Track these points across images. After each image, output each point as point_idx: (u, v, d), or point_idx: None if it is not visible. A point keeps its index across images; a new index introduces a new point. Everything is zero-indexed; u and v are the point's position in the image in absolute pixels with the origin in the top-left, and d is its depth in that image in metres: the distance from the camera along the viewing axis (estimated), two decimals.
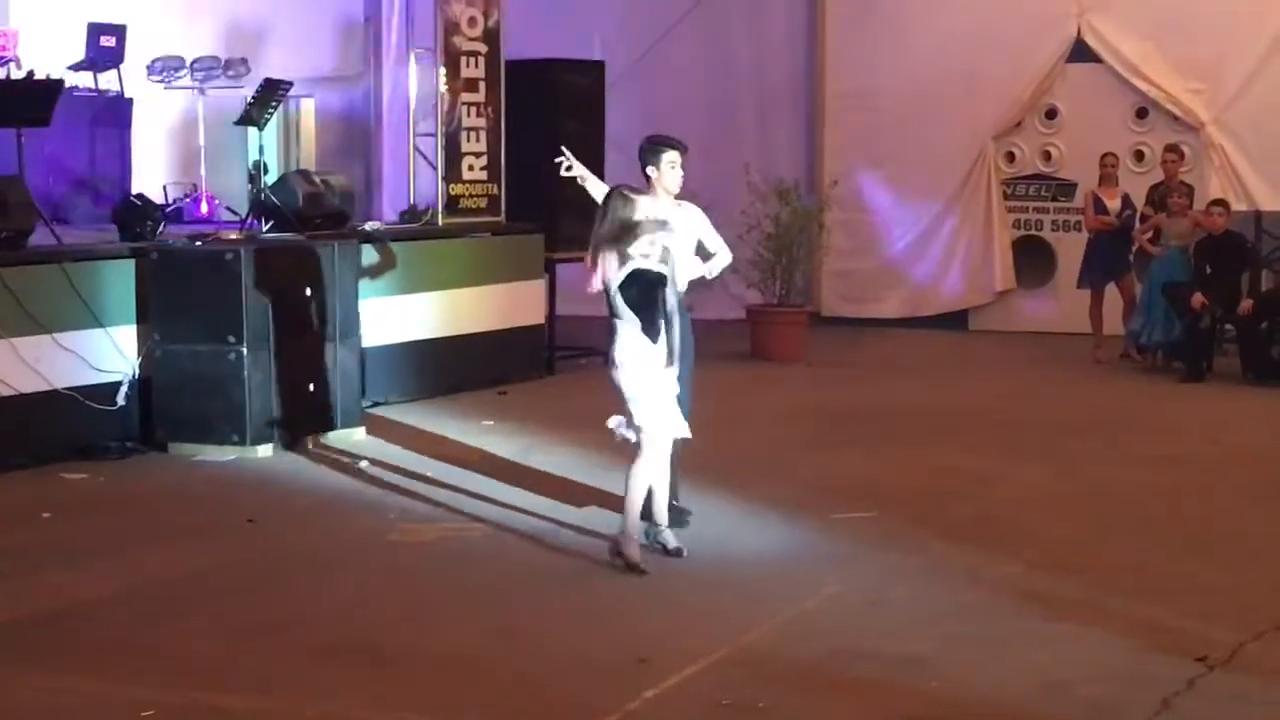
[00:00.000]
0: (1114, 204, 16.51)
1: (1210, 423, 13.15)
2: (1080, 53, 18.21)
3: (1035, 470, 11.12)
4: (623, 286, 8.48)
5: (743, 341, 16.43)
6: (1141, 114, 18.09)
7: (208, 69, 15.76)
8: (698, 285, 17.25)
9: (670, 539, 8.70)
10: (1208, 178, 17.39)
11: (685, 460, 9.34)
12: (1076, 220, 17.80)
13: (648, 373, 8.49)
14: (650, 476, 8.57)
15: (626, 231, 8.49)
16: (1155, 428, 12.90)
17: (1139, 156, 17.94)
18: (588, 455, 11.38)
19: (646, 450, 8.51)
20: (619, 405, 8.58)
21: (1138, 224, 16.37)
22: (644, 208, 8.61)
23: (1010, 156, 18.73)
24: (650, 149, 9.38)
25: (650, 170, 9.29)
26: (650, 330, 8.48)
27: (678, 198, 9.22)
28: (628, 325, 8.50)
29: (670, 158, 9.16)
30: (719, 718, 6.43)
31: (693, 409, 8.86)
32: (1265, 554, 8.95)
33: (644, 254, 8.50)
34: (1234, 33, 17.51)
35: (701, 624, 7.63)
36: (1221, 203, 15.73)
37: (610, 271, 8.52)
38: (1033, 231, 18.78)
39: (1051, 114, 18.53)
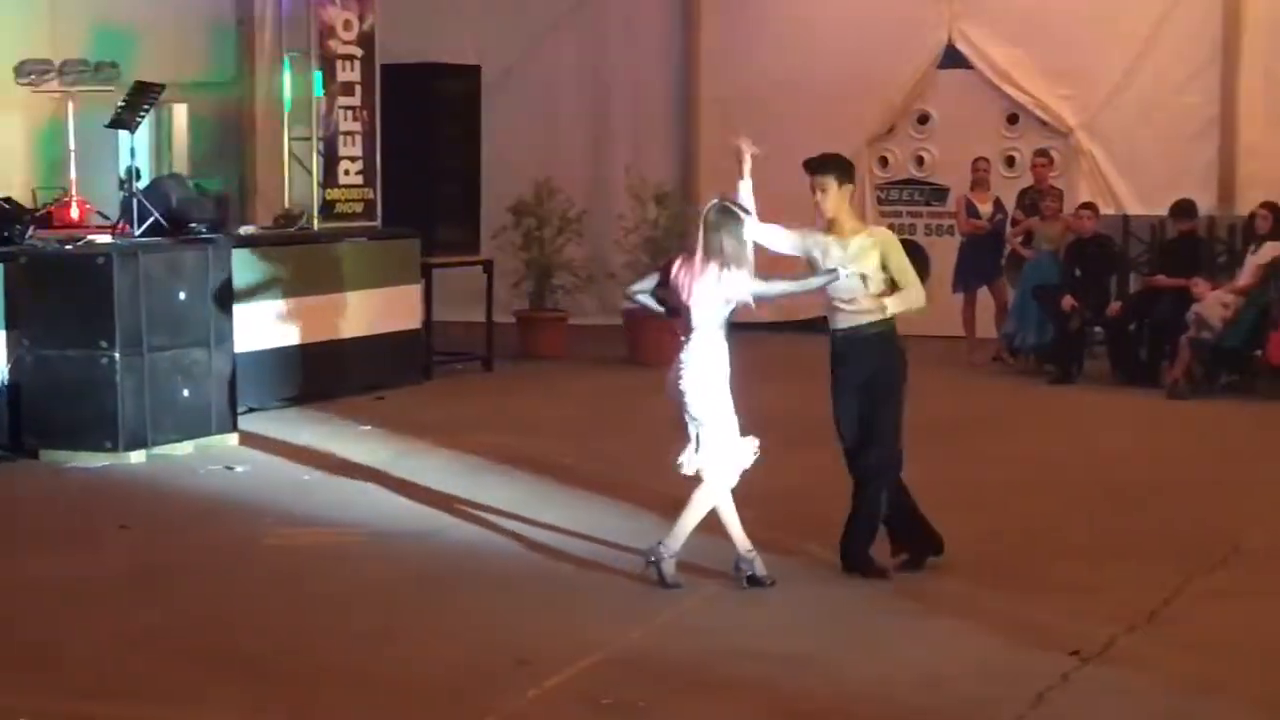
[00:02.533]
0: (986, 208, 16.71)
1: (1079, 424, 13.34)
2: (952, 59, 18.40)
3: (910, 471, 11.14)
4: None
5: (620, 346, 16.47)
6: (1012, 120, 18.31)
7: (77, 72, 15.51)
8: (578, 289, 17.31)
9: (760, 566, 8.31)
10: (1076, 183, 17.62)
11: (564, 464, 9.35)
12: (949, 224, 17.99)
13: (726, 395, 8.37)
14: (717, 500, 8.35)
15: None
16: (1026, 429, 13.07)
17: (1010, 162, 18.15)
18: (465, 460, 11.38)
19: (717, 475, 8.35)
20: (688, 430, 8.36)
21: (1009, 228, 16.58)
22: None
23: (884, 161, 18.89)
24: None
25: None
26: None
27: None
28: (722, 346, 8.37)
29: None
30: (600, 718, 6.44)
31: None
32: (1134, 551, 9.09)
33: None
34: (1101, 40, 17.76)
35: (581, 626, 7.64)
36: (1090, 206, 15.96)
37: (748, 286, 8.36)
38: (906, 235, 18.92)
39: (924, 119, 18.72)
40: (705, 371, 8.29)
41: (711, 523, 8.47)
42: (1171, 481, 11.01)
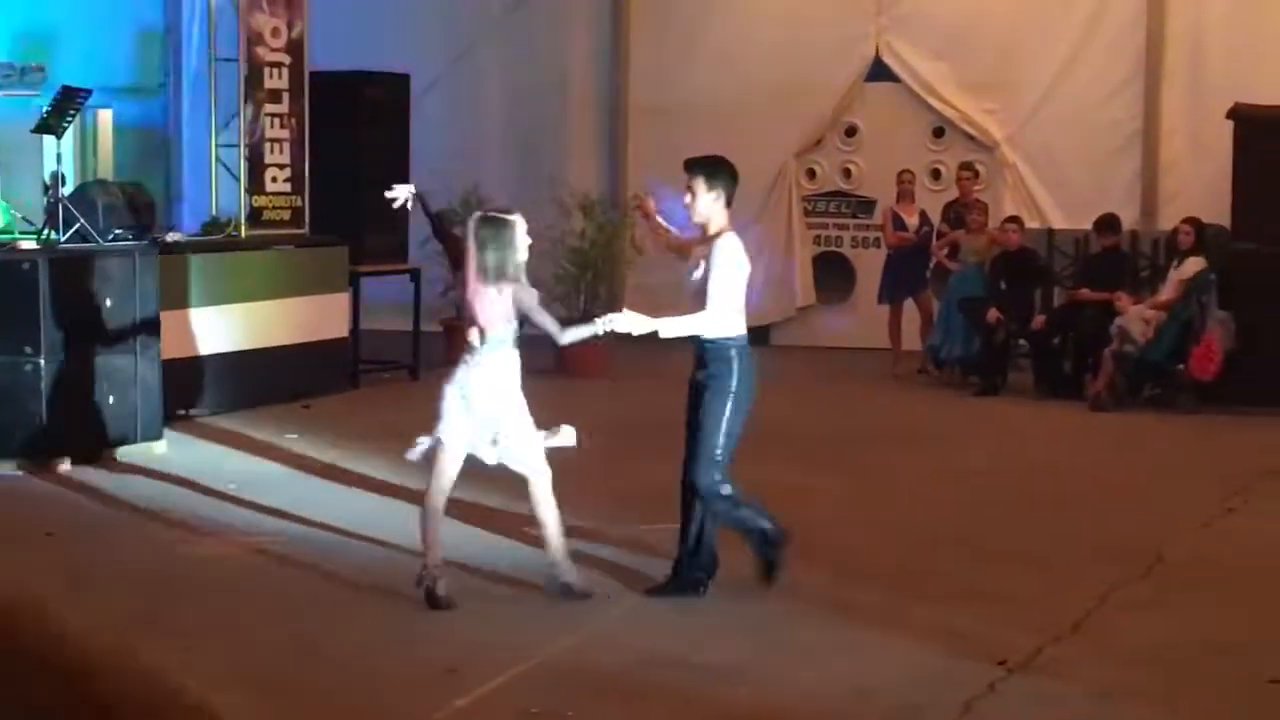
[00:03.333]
0: (912, 220, 16.81)
1: (1004, 436, 13.45)
2: (879, 72, 18.52)
3: (836, 482, 11.28)
4: None
5: (548, 357, 16.44)
6: (939, 133, 18.45)
7: (2, 75, 15.41)
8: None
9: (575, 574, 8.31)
10: (1002, 196, 17.77)
11: (491, 475, 9.33)
12: (876, 236, 18.09)
13: None
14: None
15: None
16: (951, 441, 13.15)
17: (935, 174, 18.27)
18: (391, 468, 11.33)
19: None
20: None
21: (935, 240, 16.69)
22: None
23: (811, 173, 18.98)
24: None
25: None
26: None
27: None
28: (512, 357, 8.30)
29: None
30: None
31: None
32: (1057, 562, 9.18)
33: None
34: (1026, 55, 17.93)
35: (510, 635, 7.65)
36: (1016, 219, 16.10)
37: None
38: (833, 248, 19.04)
39: (851, 132, 18.82)
40: (501, 382, 8.18)
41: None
42: (1095, 493, 11.12)
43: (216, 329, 13.67)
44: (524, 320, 8.21)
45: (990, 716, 6.58)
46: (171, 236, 14.48)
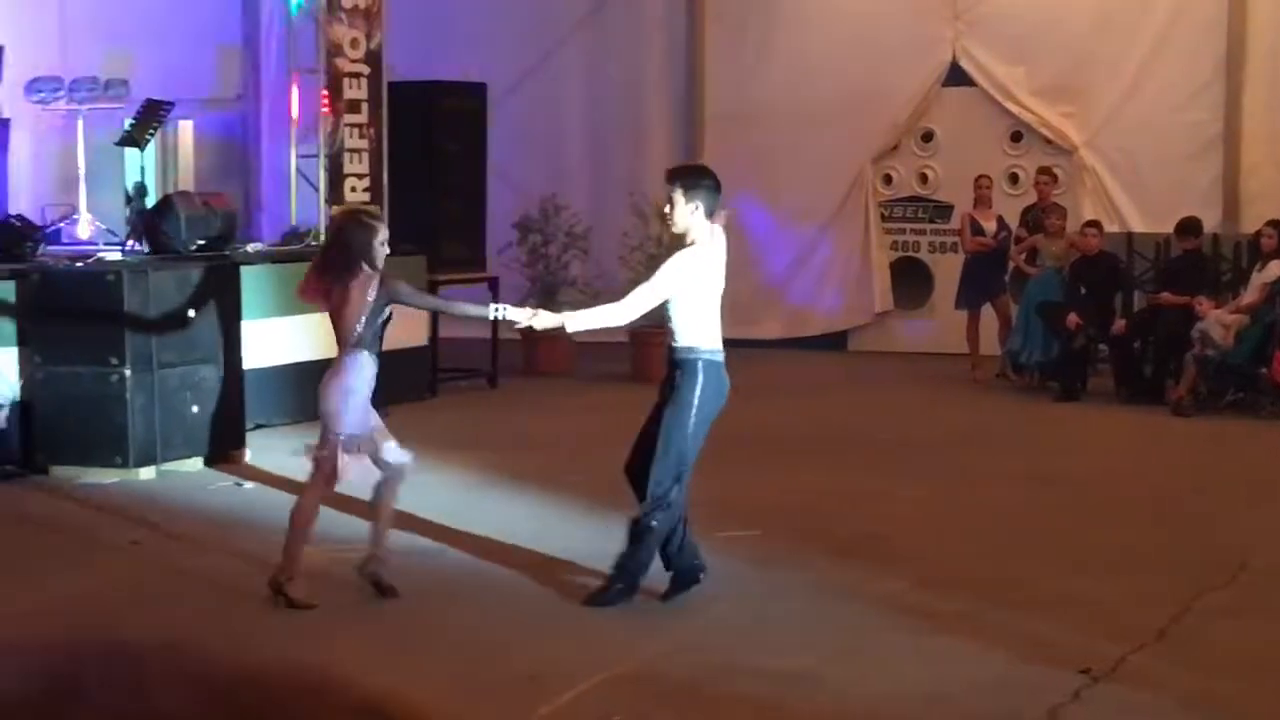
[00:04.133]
0: (989, 225, 16.76)
1: (1085, 441, 13.38)
2: (956, 77, 18.47)
3: (915, 488, 11.25)
4: None
5: (624, 364, 16.50)
6: (1016, 137, 18.37)
7: (86, 89, 15.60)
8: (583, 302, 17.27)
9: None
10: (1080, 200, 17.68)
11: (578, 481, 9.38)
12: (953, 242, 18.04)
13: None
14: None
15: None
16: (1032, 446, 13.09)
17: (1013, 179, 18.20)
18: (471, 476, 11.41)
19: None
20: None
21: (1013, 245, 16.62)
22: None
23: (887, 179, 18.94)
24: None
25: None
26: None
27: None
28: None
29: None
30: None
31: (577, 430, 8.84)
32: (1140, 568, 9.12)
33: None
34: (1104, 57, 17.83)
35: (590, 642, 7.67)
36: (1095, 224, 16.01)
37: None
38: (910, 253, 19.00)
39: (928, 137, 18.77)
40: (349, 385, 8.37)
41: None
42: (1177, 499, 11.04)
43: (297, 338, 13.76)
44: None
45: None
46: (252, 247, 14.62)
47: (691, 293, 8.10)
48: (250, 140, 19.18)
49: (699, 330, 8.11)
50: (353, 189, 15.28)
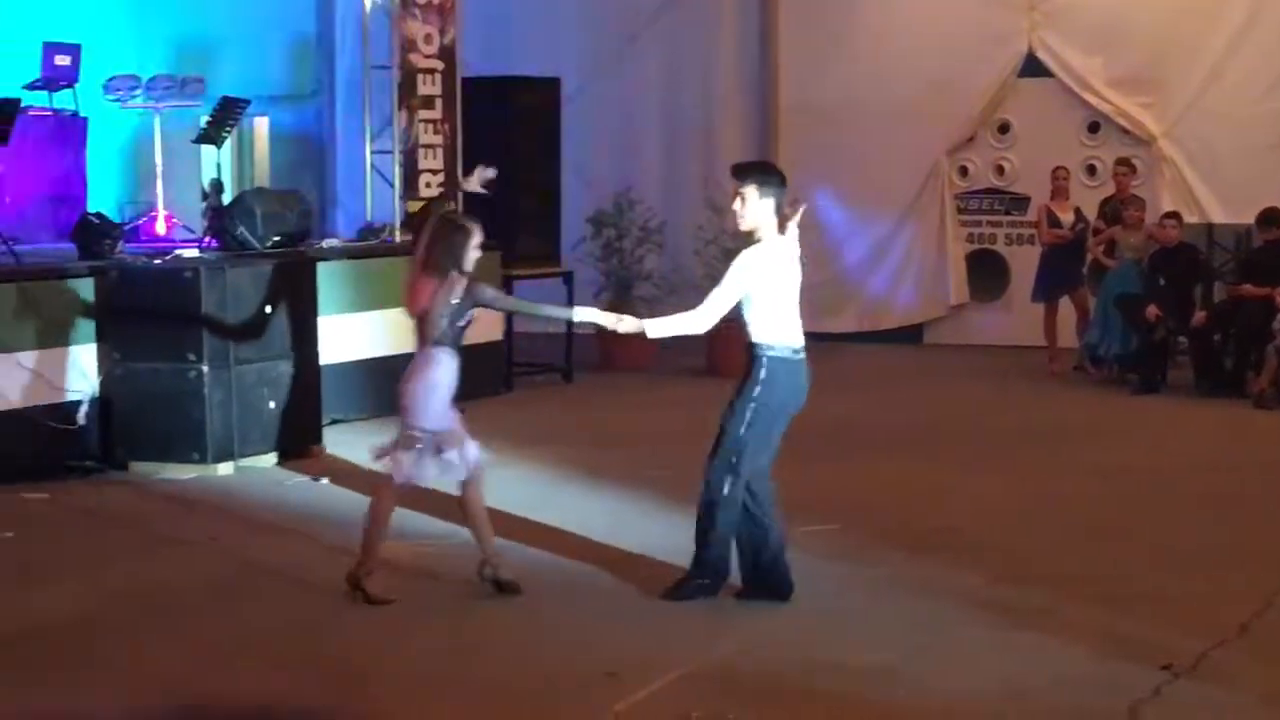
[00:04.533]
0: (1067, 217, 16.64)
1: (1166, 434, 13.26)
2: (1032, 67, 18.33)
3: (994, 482, 11.20)
4: None
5: (699, 358, 16.47)
6: (1093, 128, 18.22)
7: (163, 87, 15.73)
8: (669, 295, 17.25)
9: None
10: (1159, 191, 17.51)
11: (656, 476, 9.37)
12: (1029, 234, 17.92)
13: None
14: None
15: None
16: (1111, 439, 12.99)
17: (1091, 170, 18.06)
18: (546, 472, 11.42)
19: None
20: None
21: (1091, 237, 16.50)
22: None
23: (963, 171, 18.83)
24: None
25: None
26: None
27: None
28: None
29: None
30: None
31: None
32: (1221, 563, 9.03)
33: None
34: (1182, 47, 17.65)
35: (668, 638, 7.66)
36: (1174, 215, 15.86)
37: None
38: (986, 245, 18.88)
39: (1004, 128, 18.64)
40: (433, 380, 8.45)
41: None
42: (1258, 493, 10.93)
43: (373, 334, 13.82)
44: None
45: None
46: (328, 242, 14.69)
47: (762, 290, 8.06)
48: (325, 136, 19.28)
49: (770, 327, 8.06)
50: (427, 185, 15.33)
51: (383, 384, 13.82)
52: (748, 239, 8.23)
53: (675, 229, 17.99)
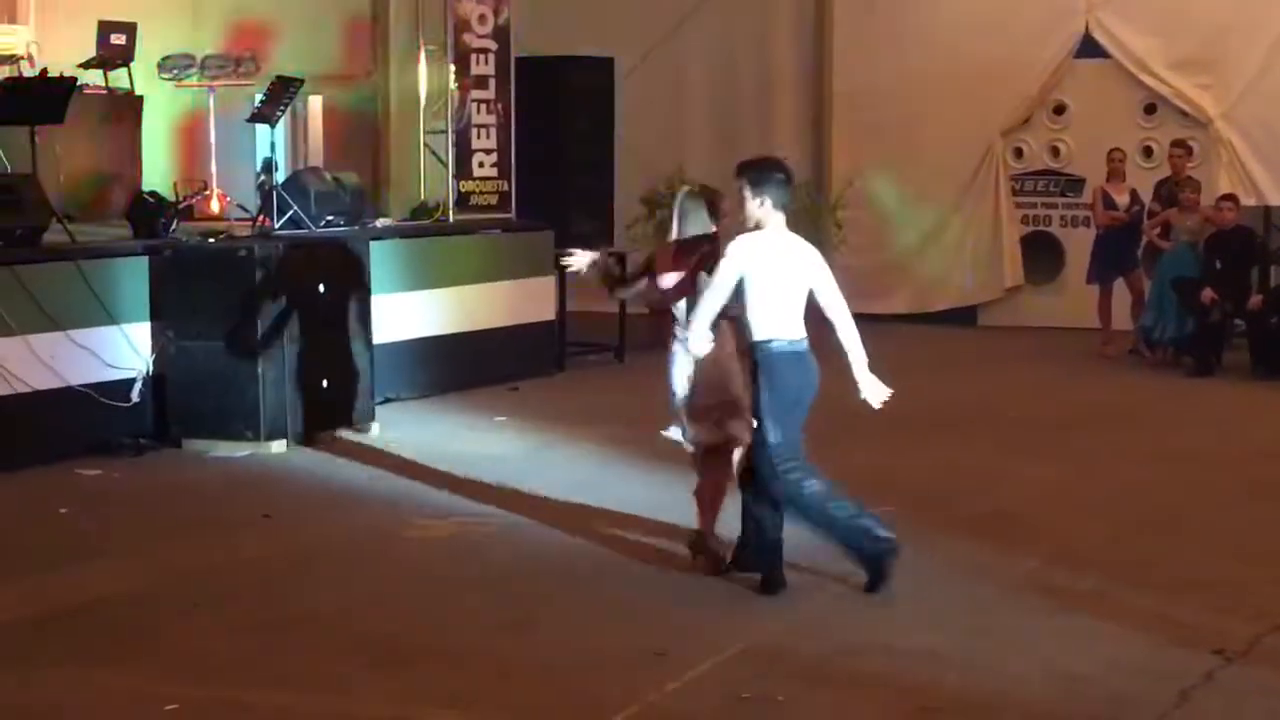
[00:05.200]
0: (1122, 199, 16.55)
1: (1221, 418, 13.18)
2: (1088, 49, 18.21)
3: (1046, 466, 11.15)
4: None
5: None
6: (1150, 109, 18.10)
7: (217, 66, 15.78)
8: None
9: None
10: (1216, 173, 17.38)
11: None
12: (1085, 216, 17.83)
13: None
14: None
15: None
16: (1166, 423, 12.92)
17: (1147, 152, 17.94)
18: (600, 450, 11.43)
19: None
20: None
21: (1146, 219, 16.40)
22: None
23: (1018, 152, 18.74)
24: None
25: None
26: None
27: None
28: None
29: None
30: (739, 711, 6.47)
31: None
32: (1274, 548, 8.97)
33: None
34: (1241, 28, 17.51)
35: (718, 619, 7.66)
36: (1231, 197, 15.76)
37: None
38: (1041, 227, 18.79)
39: (1060, 110, 18.55)
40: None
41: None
42: None
43: (425, 313, 13.87)
44: None
45: (1207, 707, 6.45)
46: (381, 222, 14.73)
47: (752, 280, 7.98)
48: (379, 116, 19.28)
49: (764, 321, 7.95)
50: (480, 164, 15.35)
51: (434, 363, 13.92)
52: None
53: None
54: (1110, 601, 7.86)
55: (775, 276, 7.98)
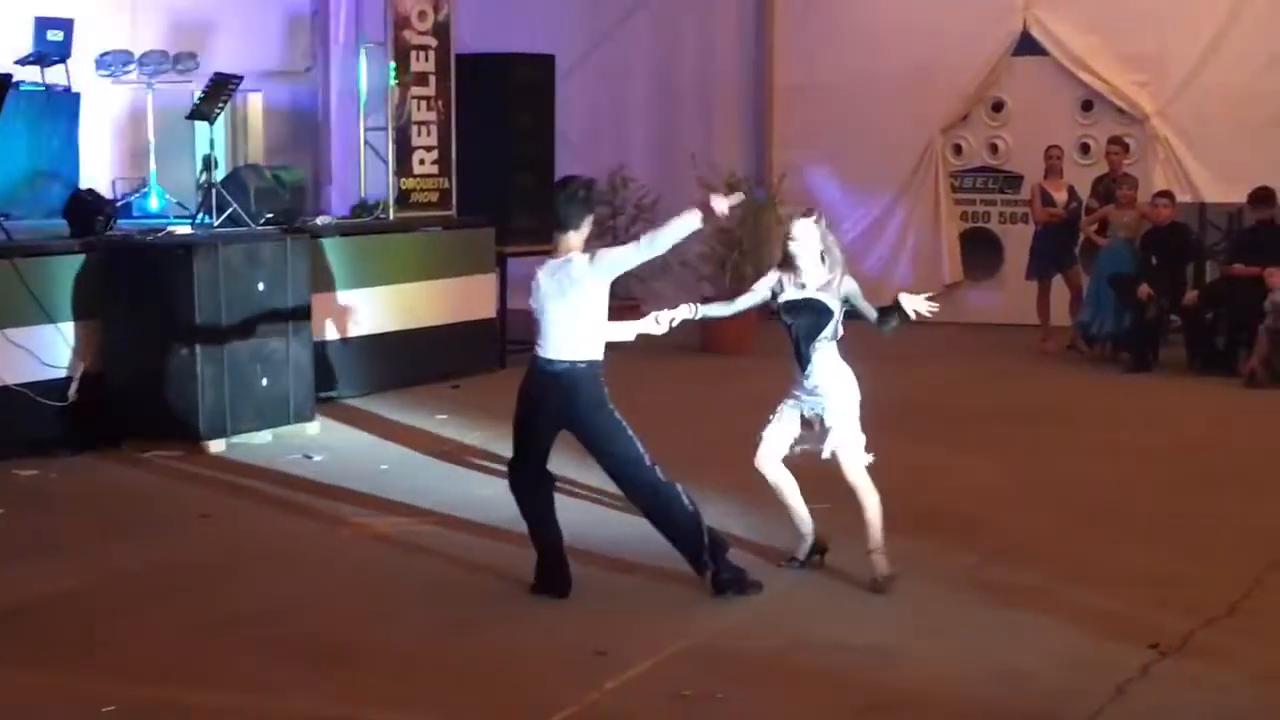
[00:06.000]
0: (1060, 196, 16.65)
1: (1157, 413, 13.27)
2: (1026, 46, 18.30)
3: (986, 462, 11.20)
4: None
5: (695, 334, 16.45)
6: (1087, 107, 18.21)
7: (156, 63, 15.66)
8: (653, 277, 17.26)
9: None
10: (1152, 170, 17.50)
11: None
12: (1023, 212, 17.93)
13: None
14: None
15: None
16: (1103, 418, 13.00)
17: (1084, 149, 18.05)
18: None
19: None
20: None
21: (1084, 216, 16.50)
22: None
23: (957, 149, 18.83)
24: None
25: None
26: None
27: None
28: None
29: None
30: (679, 710, 6.47)
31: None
32: (1212, 542, 9.04)
33: None
34: (1177, 26, 17.63)
35: (659, 616, 7.67)
36: (1167, 194, 15.87)
37: None
38: (980, 224, 18.89)
39: (998, 107, 18.64)
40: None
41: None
42: (1250, 472, 10.94)
43: (366, 311, 13.83)
44: None
45: (1143, 700, 6.50)
46: (321, 220, 14.67)
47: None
48: (320, 113, 19.22)
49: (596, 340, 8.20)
50: (421, 161, 15.31)
51: (375, 361, 13.88)
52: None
53: (669, 206, 17.92)
54: (1049, 596, 7.91)
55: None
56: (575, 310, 8.05)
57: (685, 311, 8.49)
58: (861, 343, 8.97)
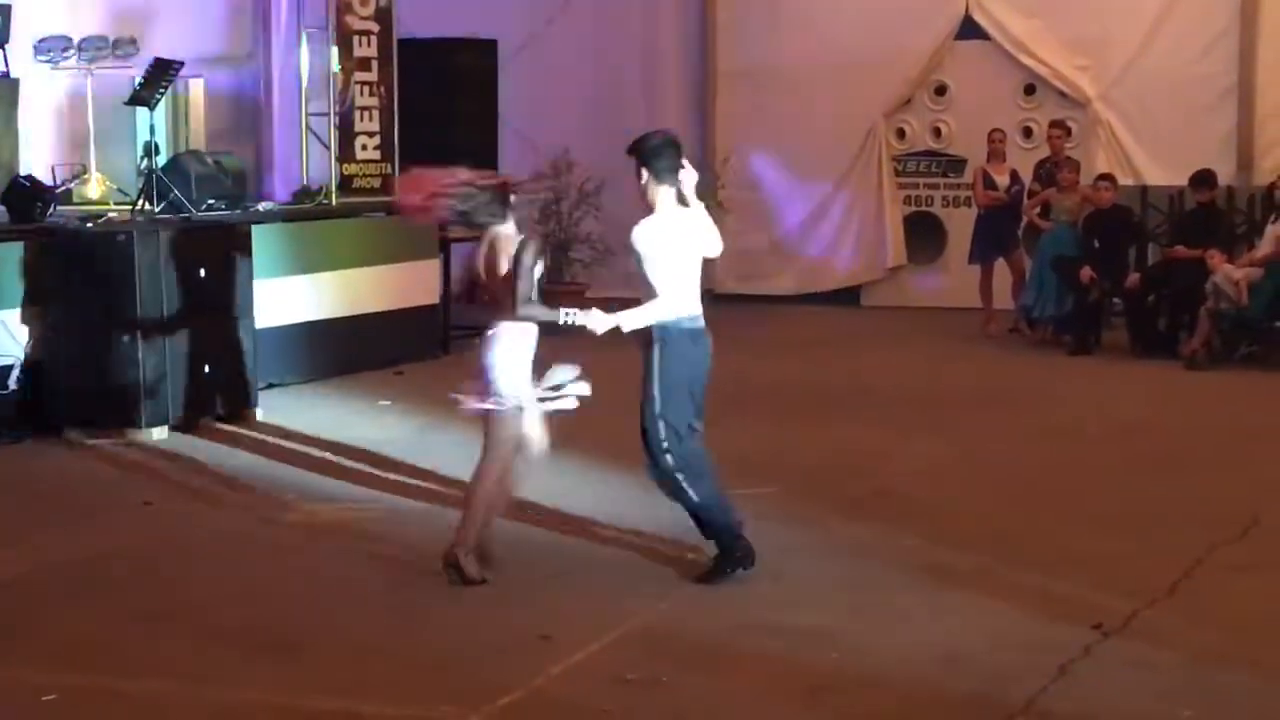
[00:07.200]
0: (1003, 179, 16.71)
1: (1099, 395, 13.34)
2: (969, 30, 18.36)
3: (929, 444, 11.24)
4: None
5: None
6: (1029, 90, 18.28)
7: (96, 48, 15.56)
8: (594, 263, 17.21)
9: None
10: (1094, 153, 17.58)
11: (590, 436, 9.38)
12: (966, 196, 17.98)
13: None
14: None
15: None
16: (1046, 401, 13.06)
17: (1027, 133, 18.12)
18: (479, 434, 11.37)
19: None
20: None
21: (1026, 199, 16.57)
22: None
23: (900, 133, 18.87)
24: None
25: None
26: None
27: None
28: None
29: None
30: (623, 693, 6.47)
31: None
32: (1154, 523, 9.10)
33: None
34: (1119, 10, 17.72)
35: (602, 601, 7.67)
36: (1108, 177, 15.93)
37: None
38: (923, 208, 18.94)
39: (941, 90, 18.69)
40: None
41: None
42: (1191, 453, 11.02)
43: (308, 297, 13.77)
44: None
45: (1085, 680, 6.54)
46: (263, 205, 14.61)
47: (659, 261, 8.00)
48: (262, 98, 19.11)
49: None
50: (364, 147, 15.27)
51: (318, 348, 13.82)
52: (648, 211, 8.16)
53: (613, 192, 17.93)
54: (991, 578, 7.95)
55: (678, 257, 7.97)
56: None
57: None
58: (807, 330, 8.97)
